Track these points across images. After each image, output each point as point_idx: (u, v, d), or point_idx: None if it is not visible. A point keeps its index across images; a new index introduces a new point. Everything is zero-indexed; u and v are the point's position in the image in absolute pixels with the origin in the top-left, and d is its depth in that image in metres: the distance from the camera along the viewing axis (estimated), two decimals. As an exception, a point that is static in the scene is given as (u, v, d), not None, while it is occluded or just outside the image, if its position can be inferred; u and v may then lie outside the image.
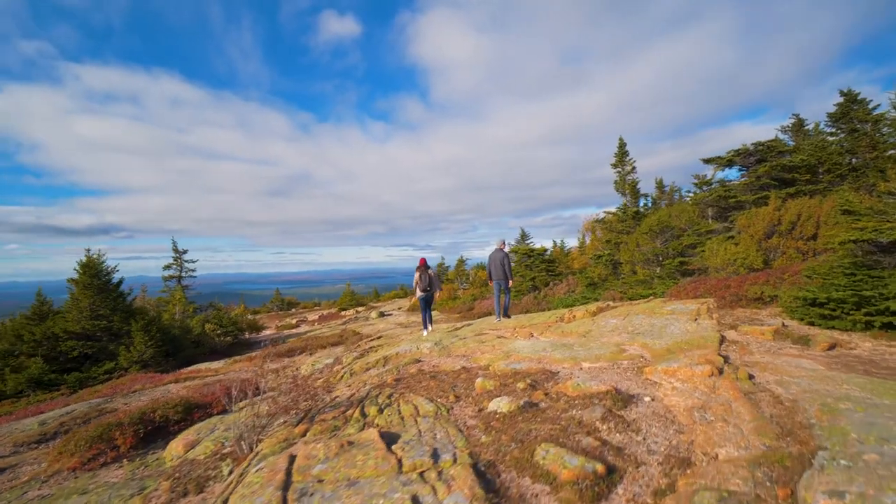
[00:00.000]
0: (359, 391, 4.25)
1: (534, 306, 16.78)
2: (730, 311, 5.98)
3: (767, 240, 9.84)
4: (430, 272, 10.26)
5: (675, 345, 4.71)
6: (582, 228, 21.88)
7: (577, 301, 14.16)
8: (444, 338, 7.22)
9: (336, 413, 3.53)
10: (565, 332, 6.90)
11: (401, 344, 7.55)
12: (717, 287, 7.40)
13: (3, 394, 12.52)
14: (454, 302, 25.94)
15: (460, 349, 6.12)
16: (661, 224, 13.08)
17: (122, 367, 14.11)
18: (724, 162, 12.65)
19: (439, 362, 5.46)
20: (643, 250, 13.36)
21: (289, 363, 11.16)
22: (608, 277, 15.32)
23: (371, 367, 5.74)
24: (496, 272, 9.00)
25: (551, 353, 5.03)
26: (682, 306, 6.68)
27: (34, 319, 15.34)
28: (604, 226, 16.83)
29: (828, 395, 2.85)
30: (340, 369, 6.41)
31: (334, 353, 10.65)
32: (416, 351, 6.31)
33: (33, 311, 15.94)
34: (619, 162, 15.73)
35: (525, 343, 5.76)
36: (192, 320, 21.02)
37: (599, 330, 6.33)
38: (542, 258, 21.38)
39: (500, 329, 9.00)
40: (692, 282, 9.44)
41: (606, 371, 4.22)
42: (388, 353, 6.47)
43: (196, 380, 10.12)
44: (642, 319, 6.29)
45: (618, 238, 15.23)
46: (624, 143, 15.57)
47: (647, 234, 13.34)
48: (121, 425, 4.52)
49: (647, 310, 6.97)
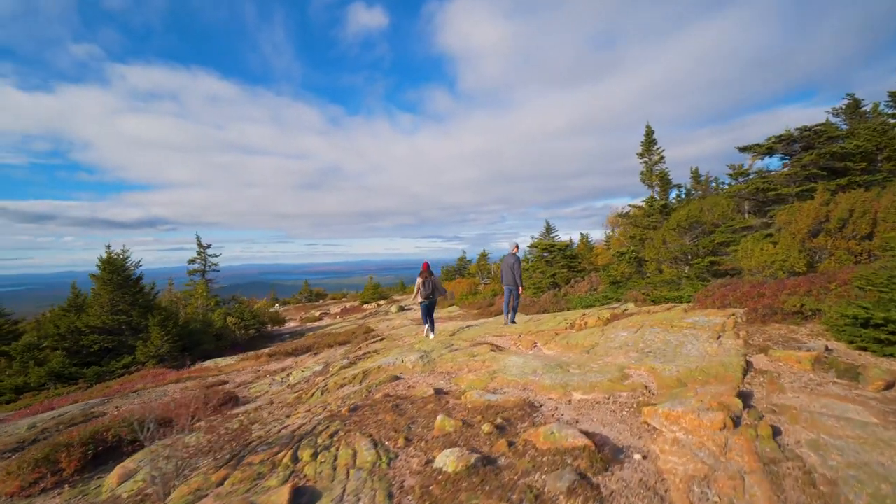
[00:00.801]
0: (311, 420, 3.74)
1: (552, 305, 16.01)
2: (761, 328, 5.08)
3: (812, 239, 8.65)
4: (433, 278, 9.78)
5: (687, 373, 3.93)
6: (606, 222, 20.65)
7: (598, 301, 13.28)
8: (436, 347, 6.65)
9: (268, 455, 3.03)
10: (570, 345, 6.18)
11: (391, 352, 7.04)
12: (749, 295, 6.44)
13: (27, 386, 12.96)
14: (474, 297, 25.38)
15: (447, 364, 5.53)
16: (691, 219, 11.93)
17: (140, 361, 14.34)
18: (763, 150, 11.30)
19: (417, 382, 4.90)
20: (670, 248, 12.26)
21: (291, 364, 10.91)
22: (632, 276, 14.27)
23: (346, 384, 5.25)
24: (507, 277, 8.85)
25: (541, 377, 4.35)
26: (704, 319, 5.80)
27: (70, 311, 15.88)
28: (628, 220, 15.69)
29: (884, 476, 2.08)
30: (321, 381, 5.97)
31: (335, 356, 10.31)
32: (399, 364, 5.77)
33: (69, 303, 16.53)
34: (645, 151, 14.51)
35: (518, 361, 5.10)
36: (214, 314, 21.37)
37: (606, 345, 5.58)
38: (564, 254, 20.38)
39: (505, 335, 8.35)
40: (722, 286, 8.42)
41: (598, 407, 3.52)
42: (371, 365, 5.97)
43: (197, 379, 10.01)
44: (656, 334, 5.49)
45: (643, 234, 14.11)
46: (651, 131, 14.33)
47: (675, 229, 12.22)
48: (69, 446, 4.23)
49: (664, 321, 6.13)
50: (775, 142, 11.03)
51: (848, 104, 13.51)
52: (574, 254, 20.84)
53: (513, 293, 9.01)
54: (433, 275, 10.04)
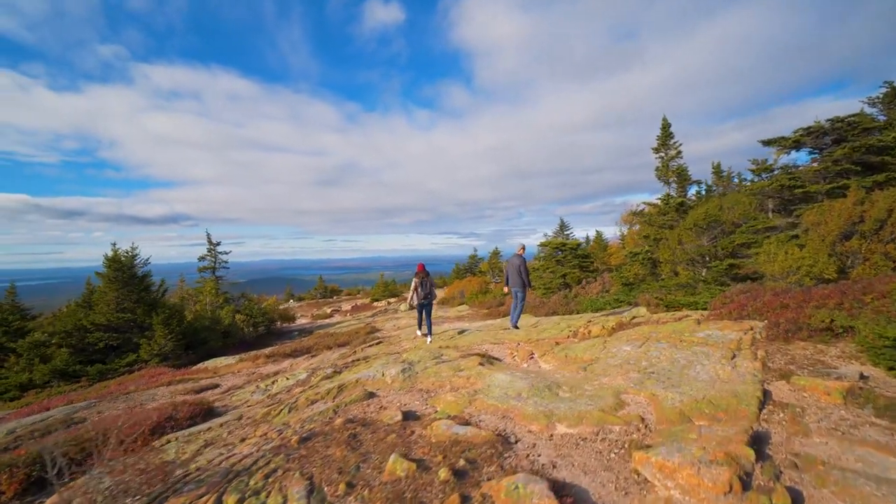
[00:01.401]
0: (258, 450, 3.33)
1: (561, 306, 15.43)
2: (783, 347, 4.45)
3: (844, 242, 7.84)
4: (429, 279, 9.42)
5: (693, 404, 3.37)
6: (620, 220, 19.80)
7: (609, 304, 12.64)
8: (423, 358, 6.18)
9: (190, 498, 2.62)
10: (568, 359, 5.64)
11: (377, 361, 6.61)
12: (770, 305, 5.77)
13: (32, 383, 13.05)
14: (484, 296, 24.88)
15: (429, 380, 5.07)
16: (710, 218, 11.14)
17: (143, 359, 14.32)
18: (789, 144, 10.40)
19: (391, 401, 4.45)
20: (686, 248, 11.50)
21: (286, 367, 10.64)
22: (646, 278, 13.52)
23: (317, 401, 4.84)
24: (513, 279, 8.56)
25: (525, 402, 3.84)
26: (718, 333, 5.17)
27: (84, 307, 16.01)
28: (642, 219, 14.85)
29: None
30: (298, 393, 5.58)
31: (327, 360, 9.98)
32: (379, 379, 5.33)
33: (83, 299, 16.68)
34: (661, 145, 13.68)
35: (504, 379, 4.59)
36: (223, 311, 21.38)
37: (606, 361, 5.02)
38: (575, 253, 19.67)
39: (504, 343, 7.85)
40: (741, 292, 7.72)
41: (583, 446, 3.00)
42: (350, 378, 5.54)
43: (190, 382, 9.81)
44: (663, 350, 4.90)
45: (658, 233, 13.34)
46: (668, 124, 13.49)
47: (692, 229, 11.45)
48: (13, 466, 3.94)
49: (673, 334, 5.53)
50: (803, 134, 10.13)
51: (886, 93, 12.42)
52: (586, 253, 20.10)
53: (518, 295, 8.71)
54: (429, 276, 9.66)
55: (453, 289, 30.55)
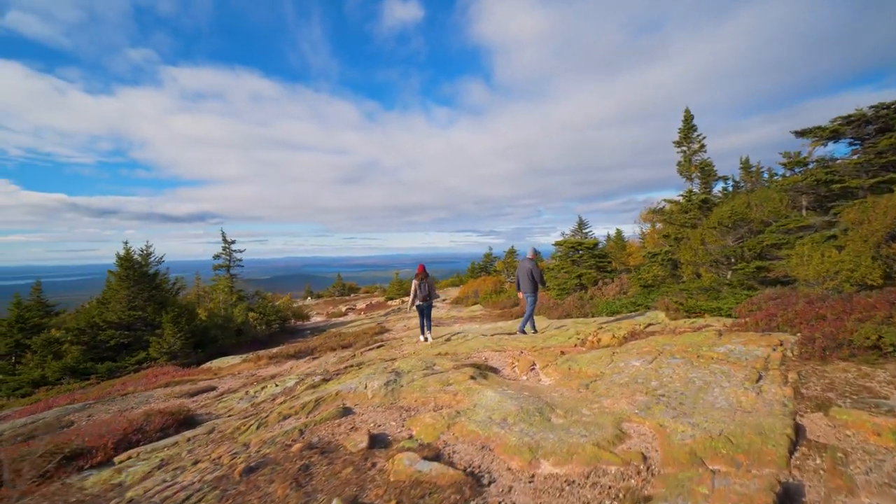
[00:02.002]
0: (199, 480, 2.94)
1: (575, 309, 14.77)
2: (820, 368, 3.79)
3: (891, 243, 6.98)
4: (428, 280, 9.19)
5: (707, 441, 2.80)
6: (639, 218, 18.88)
7: (625, 307, 11.95)
8: (414, 368, 5.73)
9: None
10: (570, 373, 5.10)
11: (367, 370, 6.20)
12: (804, 315, 5.07)
13: (45, 380, 13.23)
14: (498, 296, 24.35)
15: (412, 395, 4.61)
16: (736, 216, 10.28)
17: (153, 357, 14.38)
18: (826, 134, 9.43)
19: (364, 420, 4.01)
20: (710, 249, 10.68)
21: (287, 369, 10.39)
22: (666, 280, 12.71)
23: (290, 416, 4.44)
24: (524, 284, 8.26)
25: (510, 429, 3.33)
26: (741, 348, 4.53)
27: (102, 304, 16.25)
28: (662, 217, 13.96)
29: None
30: (278, 405, 5.22)
31: (326, 363, 9.67)
32: (360, 392, 4.90)
33: (103, 296, 16.94)
34: (683, 139, 12.79)
35: (493, 398, 4.08)
36: (235, 309, 21.48)
37: (611, 378, 4.46)
38: (592, 252, 18.87)
39: (506, 350, 7.34)
40: (770, 298, 6.97)
41: (569, 492, 2.48)
42: (331, 390, 5.13)
43: (188, 384, 9.66)
44: (676, 368, 4.30)
45: (679, 232, 12.50)
46: (690, 116, 12.59)
47: (717, 228, 10.61)
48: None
49: (690, 347, 4.90)
50: (842, 123, 9.15)
51: (937, 79, 11.23)
52: (603, 253, 19.26)
53: (529, 300, 8.39)
54: (429, 277, 9.33)
55: (467, 288, 30.06)
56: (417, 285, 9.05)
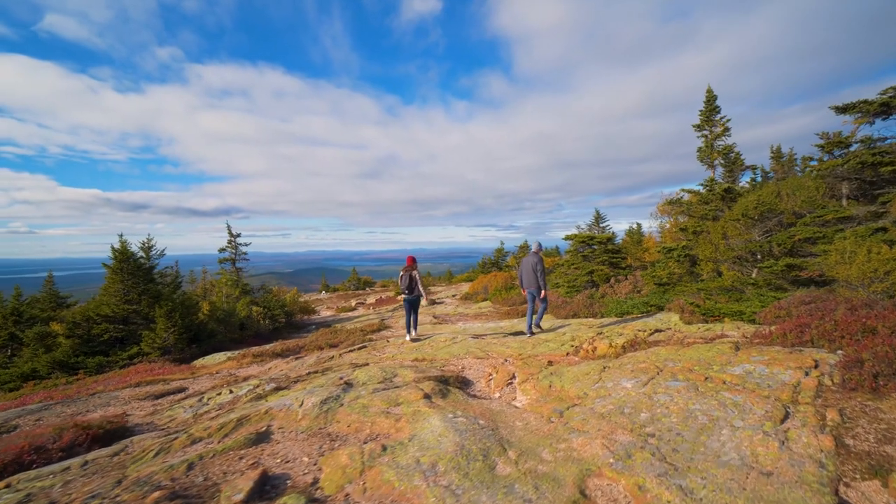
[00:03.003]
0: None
1: (584, 308, 13.73)
2: (872, 405, 2.78)
3: (957, 236, 5.77)
4: (413, 273, 8.84)
5: (702, 524, 1.88)
6: (655, 211, 17.52)
7: (636, 307, 10.88)
8: (370, 380, 4.92)
9: None
10: (550, 392, 4.20)
11: (318, 380, 5.43)
12: (847, 328, 4.01)
13: (35, 373, 13.04)
14: (508, 293, 23.42)
15: (348, 418, 3.79)
16: (763, 206, 9.05)
17: (145, 352, 14.06)
18: (873, 109, 8.03)
19: (273, 452, 3.22)
20: (732, 244, 9.48)
21: (268, 369, 9.75)
22: (683, 277, 11.53)
23: (200, 440, 3.69)
24: (527, 279, 7.94)
25: (437, 480, 2.48)
26: (763, 369, 3.52)
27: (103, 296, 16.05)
28: (680, 208, 12.69)
29: None
30: (206, 420, 4.50)
31: (304, 364, 8.99)
32: (292, 410, 4.11)
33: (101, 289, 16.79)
34: (705, 122, 11.47)
35: (435, 429, 3.23)
36: (238, 304, 21.21)
37: (593, 405, 3.54)
38: (605, 248, 17.68)
39: (490, 357, 6.47)
40: (803, 302, 5.86)
41: None
42: (262, 407, 4.36)
43: (159, 384, 9.13)
44: (676, 394, 3.34)
45: (698, 225, 11.26)
46: (713, 96, 11.26)
47: (741, 220, 9.39)
48: None
49: (697, 364, 3.92)
50: (893, 96, 7.78)
51: None
52: (618, 248, 18.02)
53: (535, 298, 7.95)
54: (413, 269, 8.89)
55: (477, 284, 29.16)
56: (400, 277, 8.77)
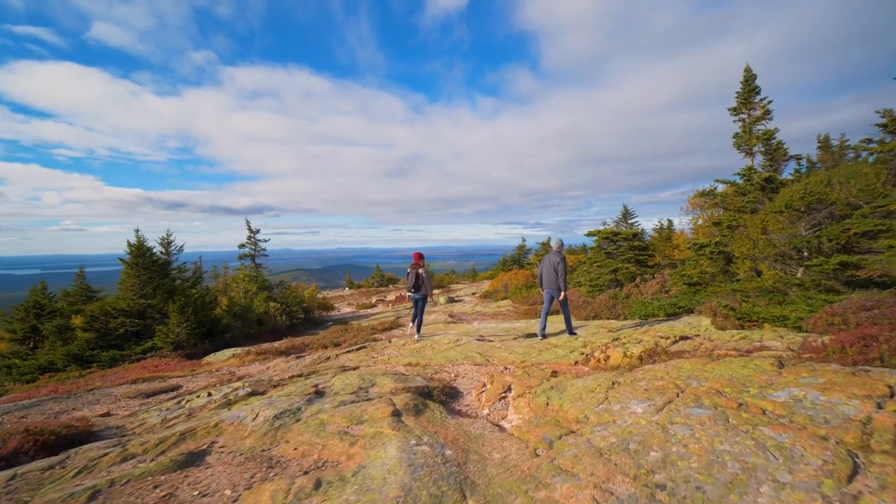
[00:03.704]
0: None
1: (606, 309, 12.84)
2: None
3: None
4: (419, 271, 8.44)
5: None
6: (686, 206, 16.23)
7: (662, 309, 9.93)
8: (343, 389, 4.35)
9: None
10: (546, 411, 3.52)
11: (293, 386, 4.89)
12: (927, 340, 3.11)
13: (52, 366, 13.26)
14: (528, 291, 22.61)
15: (299, 438, 3.21)
16: (811, 196, 7.92)
17: (158, 346, 14.12)
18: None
19: (194, 482, 2.67)
20: (774, 239, 8.39)
21: (268, 367, 9.41)
22: (716, 277, 10.44)
23: (133, 457, 3.20)
24: (547, 279, 7.43)
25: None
26: (817, 397, 2.70)
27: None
28: (713, 201, 11.47)
29: None
30: (164, 427, 4.05)
31: (301, 363, 8.56)
32: (245, 423, 3.57)
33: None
34: (742, 104, 10.28)
35: (389, 461, 2.60)
36: (256, 299, 21.26)
37: (591, 435, 2.82)
38: (631, 244, 16.55)
39: (490, 364, 5.80)
40: (864, 308, 4.88)
41: None
42: (210, 421, 3.85)
43: (156, 381, 8.94)
44: (700, 427, 2.58)
45: (734, 219, 10.13)
46: (752, 76, 10.06)
47: (784, 212, 8.28)
48: None
49: (730, 385, 3.12)
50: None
51: None
52: (644, 244, 16.83)
53: (555, 298, 7.45)
54: (422, 267, 8.51)
55: (497, 282, 28.36)
56: (407, 275, 8.48)
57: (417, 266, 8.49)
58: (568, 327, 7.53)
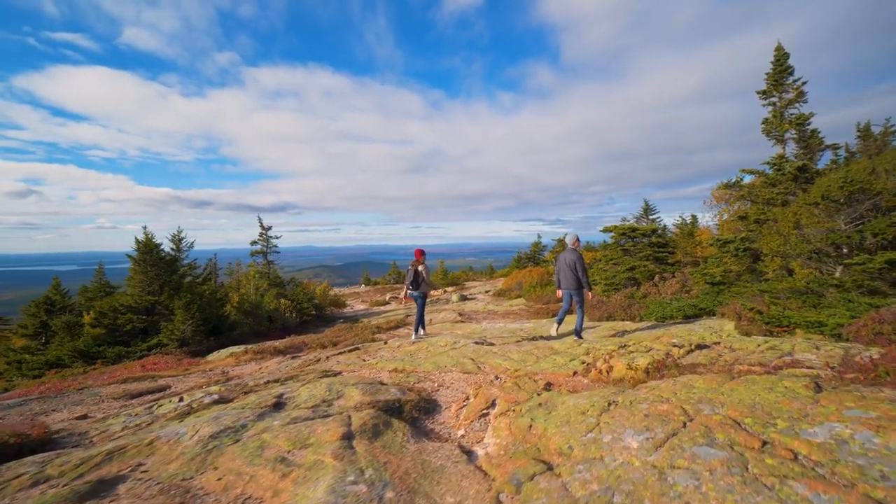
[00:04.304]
0: None
1: (620, 310, 12.11)
2: None
3: None
4: (419, 268, 8.20)
5: None
6: (710, 200, 15.17)
7: (681, 311, 9.19)
8: (311, 397, 3.87)
9: None
10: (527, 437, 2.96)
11: (250, 399, 4.44)
12: None
13: (60, 361, 13.35)
14: (542, 290, 21.92)
15: (226, 466, 2.74)
16: (853, 186, 7.02)
17: (163, 343, 14.08)
18: None
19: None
20: (808, 234, 7.52)
21: (262, 367, 9.10)
22: (742, 276, 9.55)
23: (43, 481, 2.80)
24: (565, 279, 6.80)
25: None
26: (868, 438, 2.04)
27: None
28: (739, 192, 10.50)
29: None
30: (126, 434, 3.66)
31: (290, 365, 8.18)
32: (182, 443, 3.13)
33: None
34: (773, 86, 9.30)
35: (317, 501, 2.11)
36: (265, 297, 21.23)
37: (571, 475, 2.24)
38: (650, 240, 15.63)
39: (480, 372, 5.25)
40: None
41: None
42: (149, 436, 3.42)
43: (147, 380, 8.74)
44: (709, 474, 1.97)
45: (763, 212, 9.21)
46: (784, 55, 9.07)
47: (820, 204, 7.40)
48: None
49: (750, 413, 2.48)
50: None
51: None
52: (664, 241, 15.87)
53: (574, 299, 6.89)
54: (422, 264, 8.24)
55: (511, 280, 27.65)
56: (407, 272, 8.28)
57: (417, 263, 8.22)
58: (577, 329, 7.00)
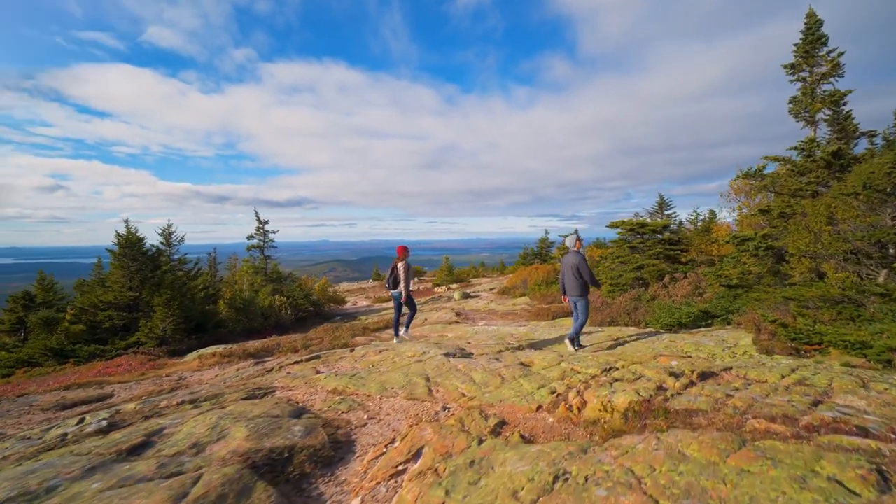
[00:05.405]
0: None
1: (624, 314, 11.11)
2: None
3: None
4: (400, 266, 7.80)
5: None
6: (728, 192, 13.75)
7: (690, 318, 8.12)
8: (187, 436, 2.95)
9: None
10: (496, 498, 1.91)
11: (160, 422, 3.54)
12: None
13: (32, 360, 12.81)
14: (548, 288, 20.89)
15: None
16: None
17: (142, 342, 13.48)
18: None
19: None
20: (844, 231, 6.29)
21: (224, 371, 8.29)
22: (763, 279, 8.32)
23: None
24: (569, 284, 6.24)
25: None
26: None
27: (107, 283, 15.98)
28: (761, 183, 9.12)
29: None
30: None
31: (239, 375, 7.32)
32: None
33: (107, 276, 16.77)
34: (803, 59, 7.97)
35: None
36: (260, 293, 20.65)
37: None
38: (660, 237, 14.37)
39: (431, 398, 4.27)
40: None
41: None
42: None
43: (92, 387, 7.97)
44: None
45: (788, 206, 7.94)
46: (817, 21, 7.72)
47: (861, 195, 6.16)
48: None
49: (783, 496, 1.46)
50: None
51: None
52: (676, 238, 14.57)
53: (577, 306, 6.29)
54: (402, 262, 7.81)
55: (516, 277, 26.53)
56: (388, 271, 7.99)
57: (398, 260, 7.83)
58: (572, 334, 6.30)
